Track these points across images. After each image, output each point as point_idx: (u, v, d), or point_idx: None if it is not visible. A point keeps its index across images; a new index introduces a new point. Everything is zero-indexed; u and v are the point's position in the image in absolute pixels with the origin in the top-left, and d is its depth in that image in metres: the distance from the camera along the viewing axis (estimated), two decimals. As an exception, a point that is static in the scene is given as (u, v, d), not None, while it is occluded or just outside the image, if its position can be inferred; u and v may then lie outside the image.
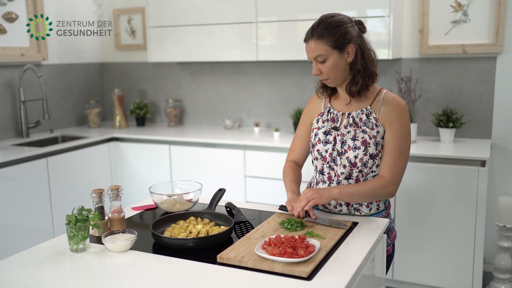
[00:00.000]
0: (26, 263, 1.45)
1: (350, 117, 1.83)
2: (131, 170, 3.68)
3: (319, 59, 1.76)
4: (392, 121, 1.78)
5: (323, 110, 1.93)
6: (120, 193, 1.66)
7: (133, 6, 4.11)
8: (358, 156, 1.78)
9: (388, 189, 1.78)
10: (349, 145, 1.80)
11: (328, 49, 1.74)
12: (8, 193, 2.88)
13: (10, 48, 3.41)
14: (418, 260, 2.89)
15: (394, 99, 1.83)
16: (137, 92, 4.26)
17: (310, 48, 1.77)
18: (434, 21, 3.17)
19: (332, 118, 1.87)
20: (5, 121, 3.45)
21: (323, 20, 1.77)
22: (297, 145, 2.02)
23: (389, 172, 1.78)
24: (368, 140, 1.78)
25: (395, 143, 1.78)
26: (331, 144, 1.84)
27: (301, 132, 2.00)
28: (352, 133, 1.81)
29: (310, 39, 1.76)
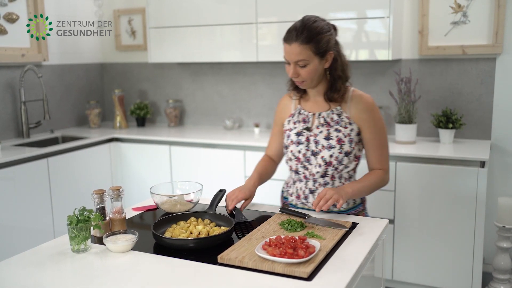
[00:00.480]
0: (27, 263, 1.45)
1: (321, 117, 1.90)
2: (131, 171, 3.68)
3: (300, 63, 1.78)
4: (367, 120, 1.88)
5: (293, 111, 1.98)
6: (121, 193, 1.67)
7: (133, 7, 4.12)
8: (333, 155, 1.85)
9: (385, 180, 1.95)
10: (323, 145, 1.86)
11: (311, 55, 1.77)
12: (9, 193, 2.88)
13: (10, 49, 3.42)
14: (417, 260, 2.90)
15: (362, 98, 1.90)
16: (137, 92, 4.27)
17: (292, 51, 1.77)
18: (434, 22, 3.18)
19: (304, 119, 1.93)
20: (6, 122, 3.45)
21: (307, 24, 1.77)
22: (272, 143, 2.10)
23: (379, 164, 1.93)
24: (343, 139, 1.86)
25: (376, 139, 1.90)
26: (303, 144, 1.90)
27: (274, 131, 2.09)
28: (325, 132, 1.87)
29: (294, 42, 1.75)
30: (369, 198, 2.95)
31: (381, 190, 2.88)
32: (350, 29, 3.11)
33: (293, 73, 1.81)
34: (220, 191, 1.93)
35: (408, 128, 3.08)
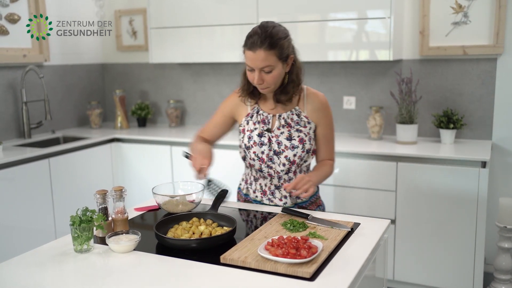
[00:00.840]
0: (29, 264, 1.46)
1: (282, 119, 1.93)
2: (133, 171, 3.69)
3: (265, 70, 1.80)
4: (321, 118, 1.96)
5: (250, 111, 1.99)
6: (123, 194, 1.67)
7: (134, 7, 4.13)
8: (297, 154, 1.92)
9: (333, 169, 2.07)
10: (286, 145, 1.92)
11: (276, 60, 1.80)
12: (10, 193, 2.89)
13: (12, 49, 3.42)
14: (419, 260, 2.90)
15: (317, 96, 1.97)
16: (138, 93, 4.27)
17: (258, 57, 1.77)
18: (435, 22, 3.18)
19: (263, 120, 1.95)
20: (7, 122, 3.46)
21: (268, 29, 1.79)
22: (210, 131, 2.09)
23: (330, 156, 2.04)
24: (304, 138, 1.92)
25: (328, 134, 2.00)
26: (266, 145, 1.92)
27: (217, 120, 2.07)
28: (286, 133, 1.92)
29: (259, 49, 1.76)
30: (370, 198, 2.96)
31: (382, 190, 2.91)
32: (350, 29, 3.12)
33: (258, 80, 1.81)
34: (222, 192, 1.94)
35: (409, 129, 3.08)
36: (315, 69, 3.56)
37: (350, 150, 2.99)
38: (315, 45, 3.24)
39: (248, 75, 1.85)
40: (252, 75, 1.83)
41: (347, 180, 3.01)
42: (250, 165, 2.01)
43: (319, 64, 3.53)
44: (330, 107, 2.02)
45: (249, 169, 2.04)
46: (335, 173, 3.03)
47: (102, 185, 3.50)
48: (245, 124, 1.99)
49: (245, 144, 1.96)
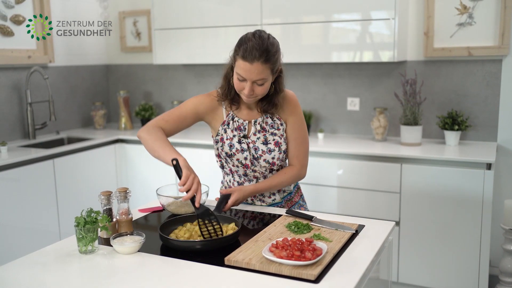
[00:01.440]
0: (35, 264, 1.46)
1: (257, 124, 1.93)
2: (136, 172, 3.69)
3: (259, 82, 1.77)
4: (290, 115, 1.94)
5: (225, 118, 1.96)
6: (128, 195, 1.67)
7: (138, 9, 4.13)
8: (275, 157, 1.92)
9: (300, 175, 2.00)
10: (263, 150, 1.92)
11: (269, 73, 1.79)
12: (15, 194, 2.89)
13: (17, 51, 3.43)
14: (423, 262, 2.89)
15: (286, 94, 1.94)
16: (142, 94, 4.28)
17: (253, 70, 1.73)
18: (439, 23, 3.17)
19: (239, 127, 1.94)
20: (12, 123, 3.47)
21: (265, 41, 1.76)
22: (174, 122, 1.94)
23: (296, 159, 1.97)
24: (280, 140, 1.93)
25: (296, 134, 1.95)
26: (247, 151, 1.91)
27: (186, 113, 1.94)
28: (262, 138, 1.92)
29: (257, 61, 1.73)
30: (375, 200, 2.95)
31: (386, 192, 2.90)
32: (354, 30, 3.11)
33: (249, 91, 1.78)
34: (225, 197, 1.91)
35: (414, 130, 3.07)
36: (319, 70, 3.55)
37: (354, 152, 2.98)
38: (319, 46, 3.24)
39: (236, 83, 1.80)
40: (241, 84, 1.78)
41: (351, 181, 3.00)
42: (232, 172, 2.00)
43: (323, 65, 3.53)
44: (300, 105, 1.99)
45: (231, 176, 2.02)
46: (339, 175, 3.02)
47: (106, 186, 3.51)
48: (222, 133, 1.95)
49: (227, 152, 1.94)
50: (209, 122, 2.00)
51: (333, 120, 3.59)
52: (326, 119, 3.61)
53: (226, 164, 1.98)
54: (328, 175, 3.06)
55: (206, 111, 1.96)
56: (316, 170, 3.07)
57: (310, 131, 3.62)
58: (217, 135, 1.97)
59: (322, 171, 3.07)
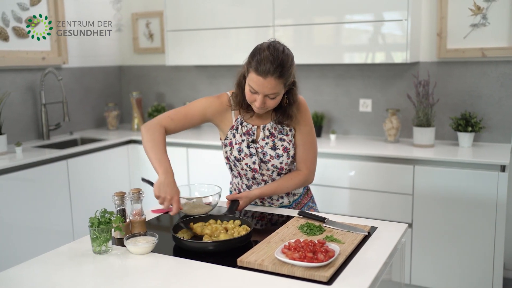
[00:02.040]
0: (49, 264, 1.47)
1: (266, 130, 1.92)
2: (149, 173, 3.70)
3: (271, 96, 1.76)
4: (299, 121, 1.92)
5: (234, 123, 1.95)
6: (141, 196, 1.68)
7: (151, 10, 4.16)
8: (283, 162, 1.92)
9: (308, 180, 1.99)
10: (271, 155, 1.91)
11: (282, 87, 1.76)
12: (29, 194, 2.93)
13: (32, 52, 3.47)
14: (436, 265, 2.87)
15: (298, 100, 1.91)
16: (155, 95, 4.30)
17: (267, 85, 1.71)
18: (453, 24, 3.15)
19: (247, 132, 1.93)
20: (27, 124, 3.51)
21: (280, 56, 1.71)
22: (179, 121, 1.94)
23: (304, 165, 1.96)
24: (288, 146, 1.92)
25: (305, 139, 1.94)
26: (255, 155, 1.91)
27: (192, 115, 1.94)
28: (270, 143, 1.91)
29: (271, 77, 1.69)
30: (387, 202, 2.94)
31: (398, 193, 2.88)
32: (367, 31, 3.10)
33: (261, 104, 1.76)
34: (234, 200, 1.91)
35: (426, 131, 3.05)
36: (331, 71, 3.55)
37: (366, 153, 2.97)
38: (331, 47, 3.23)
39: (248, 95, 1.79)
40: (253, 96, 1.77)
41: (363, 183, 2.99)
42: (240, 175, 2.00)
43: (335, 66, 3.52)
44: (309, 110, 1.97)
45: (239, 178, 2.02)
46: (351, 176, 3.01)
47: (119, 187, 3.54)
48: (231, 137, 1.94)
49: (235, 157, 1.93)
50: (218, 124, 1.99)
51: (345, 121, 3.58)
52: (338, 121, 3.60)
53: (235, 167, 1.98)
54: (340, 176, 3.05)
55: (214, 114, 1.95)
56: (328, 172, 3.07)
57: (322, 133, 3.61)
58: (225, 139, 1.96)
59: (334, 173, 3.06)
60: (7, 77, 3.33)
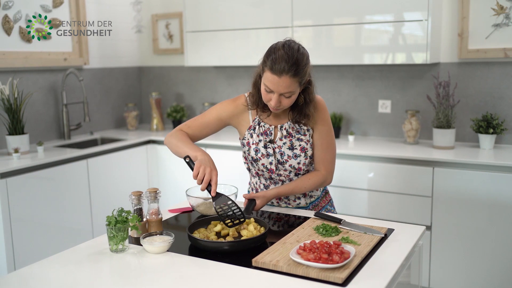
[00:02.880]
0: (68, 262, 1.50)
1: (283, 130, 1.91)
2: (167, 172, 3.74)
3: (286, 95, 1.75)
4: (317, 121, 1.92)
5: (252, 123, 1.95)
6: (158, 195, 1.70)
7: (171, 12, 4.19)
8: (300, 162, 1.91)
9: (326, 181, 1.98)
10: (289, 155, 1.91)
11: (297, 86, 1.76)
12: (50, 192, 2.98)
13: (54, 53, 3.53)
14: (455, 268, 2.83)
15: (315, 100, 1.91)
16: (174, 95, 4.34)
17: (281, 84, 1.71)
18: (474, 24, 3.10)
19: (265, 132, 1.93)
20: (49, 124, 3.57)
21: (295, 54, 1.71)
22: (197, 128, 1.97)
23: (323, 165, 1.95)
24: (306, 146, 1.91)
25: (323, 140, 1.93)
26: (272, 156, 1.90)
27: (209, 121, 1.97)
28: (288, 143, 1.91)
29: (286, 75, 1.70)
30: (406, 203, 2.91)
31: (417, 196, 2.85)
32: (387, 31, 3.08)
33: (276, 103, 1.76)
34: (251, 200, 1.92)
35: (446, 133, 3.01)
36: (350, 72, 3.53)
37: (385, 155, 2.95)
38: (351, 48, 3.21)
39: (264, 95, 1.79)
40: (269, 96, 1.77)
41: (382, 184, 2.97)
42: (258, 175, 2.00)
43: (354, 67, 3.50)
44: (327, 110, 1.96)
45: (257, 178, 2.03)
46: (370, 178, 2.99)
47: (138, 186, 3.58)
48: (249, 137, 1.95)
49: (252, 157, 1.94)
50: (236, 126, 2.01)
51: (364, 122, 3.55)
52: (357, 122, 3.57)
53: (252, 167, 1.99)
54: (359, 178, 3.03)
55: (230, 116, 1.97)
56: (346, 173, 3.05)
57: (341, 134, 3.59)
58: (243, 139, 1.98)
59: (352, 174, 3.04)
60: (30, 77, 3.40)
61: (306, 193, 2.01)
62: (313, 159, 1.96)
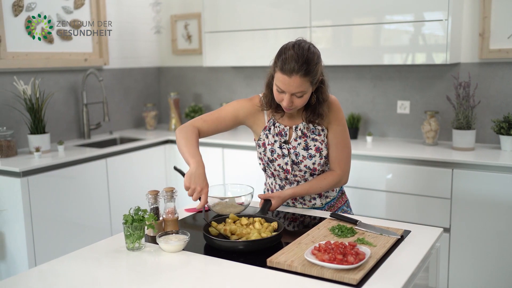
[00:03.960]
0: (86, 258, 1.52)
1: (298, 130, 1.91)
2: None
3: (298, 94, 1.76)
4: (332, 121, 1.92)
5: (267, 124, 1.96)
6: (174, 195, 1.71)
7: (189, 12, 4.22)
8: (315, 162, 1.91)
9: (341, 181, 1.97)
10: (303, 155, 1.91)
11: (309, 85, 1.76)
12: (70, 191, 3.03)
13: (75, 54, 3.59)
14: (475, 271, 2.79)
15: (329, 99, 1.91)
16: (192, 95, 4.36)
17: (292, 84, 1.72)
18: (496, 24, 3.05)
19: (280, 132, 1.93)
20: (69, 123, 3.63)
21: (305, 53, 1.72)
22: (212, 123, 1.95)
23: (338, 165, 1.95)
24: (321, 146, 1.92)
25: (338, 139, 1.93)
26: (287, 156, 1.90)
27: (224, 118, 1.96)
28: (303, 144, 1.91)
29: (296, 75, 1.70)
30: (424, 205, 2.88)
31: (436, 197, 2.82)
32: (407, 31, 3.05)
33: (288, 103, 1.77)
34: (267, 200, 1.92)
35: (466, 134, 2.97)
36: (368, 72, 3.50)
37: (403, 156, 2.92)
38: (370, 48, 3.19)
39: (276, 95, 1.80)
40: (280, 96, 1.78)
41: (400, 186, 2.94)
42: (273, 175, 2.00)
43: (372, 67, 3.48)
44: (342, 110, 1.97)
45: (272, 179, 2.03)
46: (388, 179, 2.97)
47: (156, 185, 3.61)
48: (264, 138, 1.96)
49: (268, 157, 1.95)
50: (251, 126, 2.01)
51: (382, 123, 3.52)
52: (375, 122, 3.55)
53: (268, 168, 1.99)
54: (377, 179, 3.01)
55: (247, 115, 1.98)
56: (364, 174, 3.03)
57: (359, 135, 3.57)
58: (259, 140, 1.98)
59: (371, 175, 3.02)
60: (51, 78, 3.45)
61: (322, 194, 2.00)
62: (328, 159, 1.96)
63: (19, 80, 3.12)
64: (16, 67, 3.18)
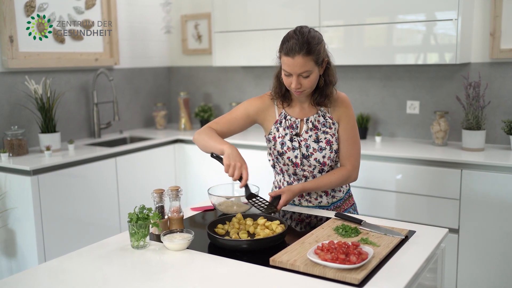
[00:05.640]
0: (93, 255, 1.54)
1: (309, 122, 1.94)
2: (194, 171, 3.78)
3: (304, 75, 1.81)
4: (342, 116, 1.96)
5: (278, 117, 1.99)
6: (179, 194, 1.72)
7: (199, 12, 4.24)
8: (326, 156, 1.94)
9: (351, 177, 1.98)
10: (314, 148, 1.94)
11: (313, 65, 1.81)
12: (80, 189, 3.06)
13: (85, 54, 3.62)
14: (484, 272, 2.76)
15: (339, 95, 1.98)
16: (202, 95, 4.38)
17: (296, 63, 1.79)
18: (508, 23, 3.02)
19: (291, 125, 1.96)
20: (80, 122, 3.66)
21: (305, 34, 1.80)
22: (225, 124, 2.01)
23: (348, 161, 1.97)
24: (331, 139, 1.94)
25: (348, 135, 1.96)
26: (297, 149, 1.93)
27: (237, 118, 2.02)
28: (314, 136, 1.93)
29: (298, 54, 1.78)
30: (433, 206, 2.86)
31: (445, 198, 2.80)
32: (418, 31, 3.03)
33: (296, 84, 1.82)
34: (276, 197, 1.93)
35: (476, 135, 2.94)
36: (378, 72, 3.49)
37: (413, 156, 2.90)
38: (382, 48, 3.17)
39: (284, 79, 1.87)
40: (289, 79, 1.85)
41: (409, 186, 2.93)
42: (282, 171, 2.02)
43: (382, 67, 3.46)
44: (352, 107, 2.02)
45: (281, 175, 2.04)
46: (397, 179, 2.95)
47: (165, 184, 3.63)
48: (275, 131, 1.99)
49: (278, 151, 1.96)
50: (262, 122, 2.04)
51: (391, 123, 3.51)
52: (384, 122, 3.53)
53: (277, 163, 2.01)
54: (386, 179, 3.00)
55: (257, 112, 2.02)
56: (373, 174, 3.02)
57: (368, 135, 3.56)
58: (269, 134, 2.01)
59: (380, 175, 3.01)
60: (63, 77, 3.49)
61: (329, 193, 2.01)
62: (338, 154, 1.98)
63: (30, 79, 3.16)
64: (28, 66, 3.22)
